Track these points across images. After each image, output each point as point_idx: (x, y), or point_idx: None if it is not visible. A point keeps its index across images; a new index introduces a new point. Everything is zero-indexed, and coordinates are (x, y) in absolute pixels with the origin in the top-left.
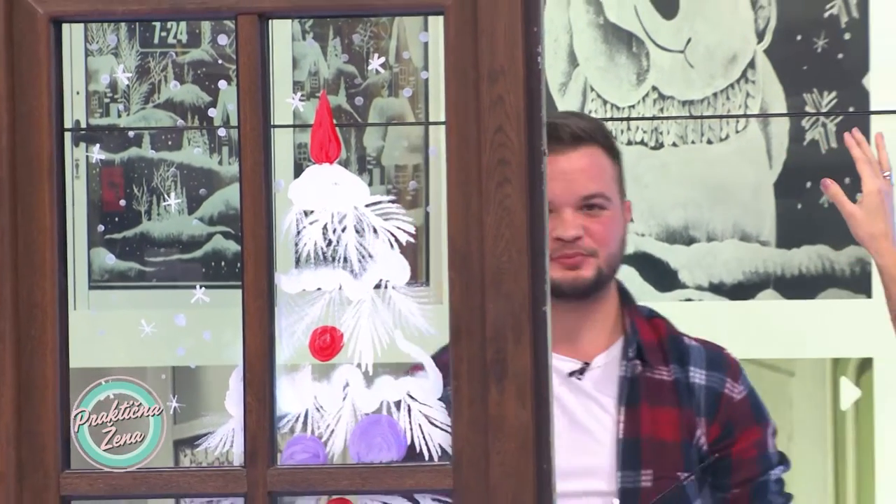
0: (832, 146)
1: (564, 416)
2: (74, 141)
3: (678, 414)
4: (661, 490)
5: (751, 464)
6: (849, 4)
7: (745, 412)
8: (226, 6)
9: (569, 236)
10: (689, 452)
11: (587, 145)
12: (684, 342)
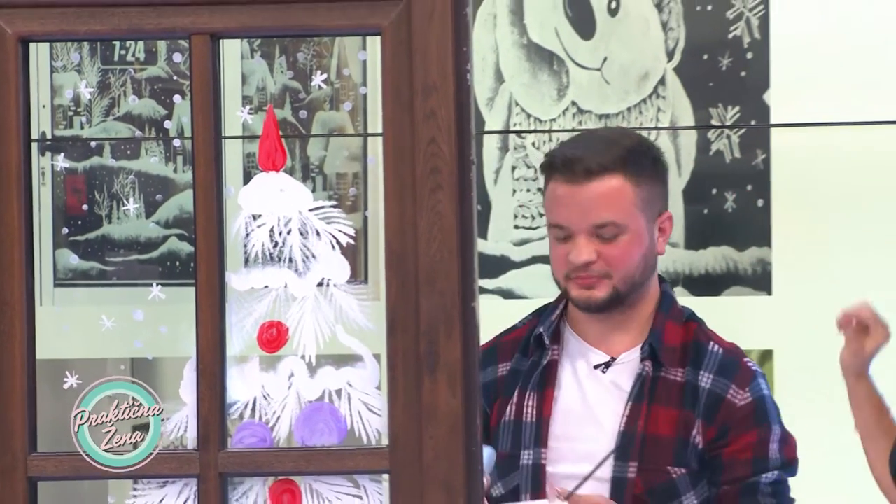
0: (735, 156)
1: (584, 406)
2: (41, 151)
3: (678, 414)
4: (647, 482)
5: (744, 465)
6: (751, 26)
7: (746, 417)
8: (180, 27)
9: (580, 262)
10: (684, 450)
11: (603, 176)
12: (706, 347)
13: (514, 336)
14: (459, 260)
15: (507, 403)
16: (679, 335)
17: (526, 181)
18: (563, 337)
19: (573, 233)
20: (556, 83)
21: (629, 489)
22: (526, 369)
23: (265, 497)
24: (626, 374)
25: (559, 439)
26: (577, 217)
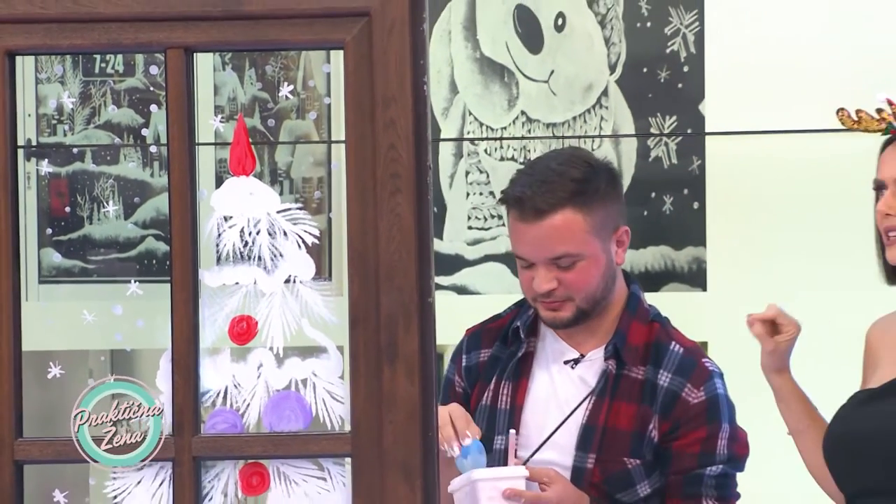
0: (673, 162)
1: (555, 398)
2: (26, 157)
3: (637, 409)
4: (604, 471)
5: (691, 458)
6: (687, 42)
7: (699, 415)
8: (156, 41)
9: (542, 291)
10: (640, 443)
11: (555, 213)
12: (667, 347)
13: (498, 324)
14: (417, 258)
15: (486, 389)
16: (643, 335)
17: (479, 185)
18: (540, 332)
19: (533, 263)
20: (506, 94)
21: (587, 477)
22: (504, 358)
23: (236, 479)
24: (593, 370)
25: (529, 427)
26: (534, 251)
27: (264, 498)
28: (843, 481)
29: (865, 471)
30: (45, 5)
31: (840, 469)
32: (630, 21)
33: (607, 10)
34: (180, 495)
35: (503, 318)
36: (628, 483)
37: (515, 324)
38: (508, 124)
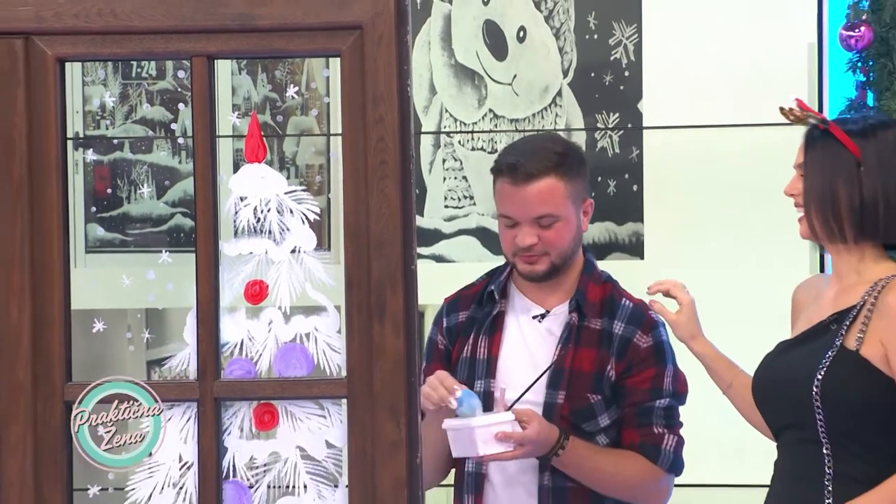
0: (616, 152)
1: (525, 347)
2: (74, 147)
3: (596, 353)
4: (571, 405)
5: (643, 392)
6: (628, 51)
7: (647, 357)
8: (183, 50)
9: (525, 245)
10: (601, 381)
11: (540, 178)
12: (619, 302)
13: (472, 291)
14: (402, 232)
15: (465, 343)
16: (598, 293)
17: (453, 171)
18: (510, 293)
19: (519, 222)
20: (476, 95)
21: (557, 411)
22: (480, 317)
23: (250, 417)
24: (557, 323)
25: (504, 372)
26: (522, 210)
27: (274, 432)
28: (768, 418)
29: (781, 409)
30: (89, 20)
31: (764, 408)
32: (580, 34)
33: (561, 24)
34: (204, 430)
35: (476, 286)
36: (591, 415)
37: (490, 288)
38: (478, 120)
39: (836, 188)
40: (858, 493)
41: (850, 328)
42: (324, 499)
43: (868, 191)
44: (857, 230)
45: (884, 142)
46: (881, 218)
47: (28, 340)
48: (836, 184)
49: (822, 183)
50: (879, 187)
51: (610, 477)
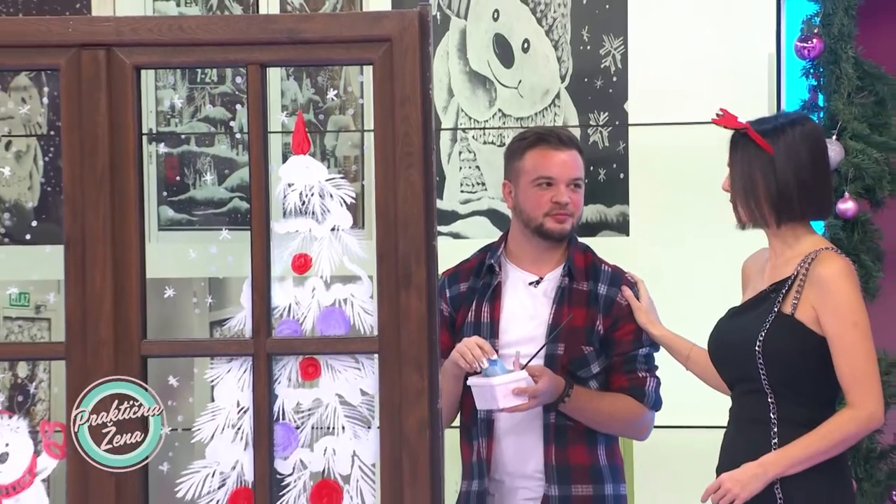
0: (605, 145)
1: (523, 310)
2: (149, 141)
3: (586, 311)
4: (569, 356)
5: (627, 343)
6: (616, 60)
7: (628, 313)
8: (240, 59)
9: (564, 201)
10: (592, 335)
11: (573, 147)
12: (600, 267)
13: (469, 265)
14: (424, 213)
15: (468, 310)
16: (582, 260)
17: (468, 162)
18: (504, 266)
19: (556, 182)
20: (487, 97)
21: (558, 362)
22: (480, 287)
23: (297, 369)
24: (550, 287)
25: (506, 332)
26: (562, 171)
27: (317, 382)
28: (722, 373)
29: (732, 365)
30: (161, 34)
31: (718, 365)
32: (575, 45)
33: (559, 37)
34: (258, 380)
35: (472, 261)
36: (585, 364)
37: (489, 261)
38: (489, 118)
39: (755, 180)
40: (799, 434)
41: (785, 296)
42: (359, 438)
43: (781, 180)
44: (777, 214)
45: (792, 137)
46: (795, 201)
47: (110, 304)
48: (754, 176)
49: (743, 177)
50: (791, 176)
51: (606, 416)
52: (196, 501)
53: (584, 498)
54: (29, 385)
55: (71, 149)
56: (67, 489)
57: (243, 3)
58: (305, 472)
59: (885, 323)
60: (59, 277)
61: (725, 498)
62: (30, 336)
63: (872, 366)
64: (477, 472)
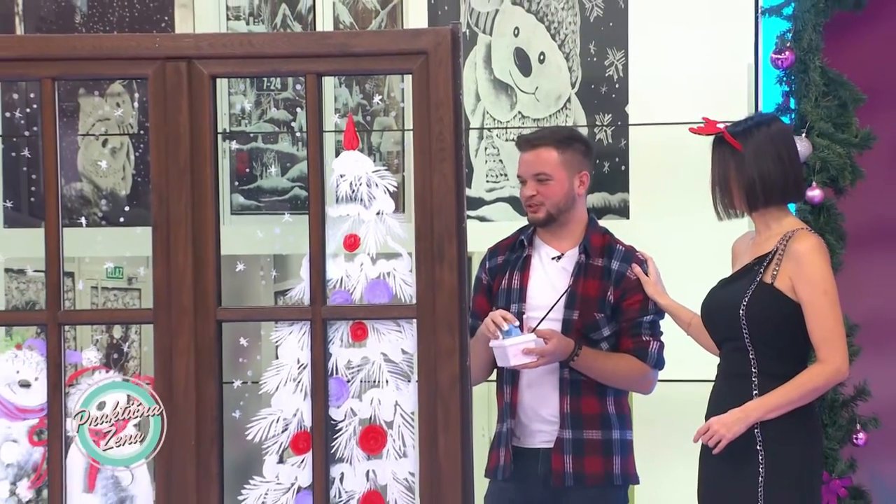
0: (610, 142)
1: (546, 279)
2: (223, 139)
3: (599, 283)
4: (583, 321)
5: (634, 311)
6: (618, 69)
7: (636, 286)
8: (300, 70)
9: (528, 194)
10: (603, 303)
11: (538, 147)
12: (614, 246)
13: (506, 242)
14: (455, 199)
15: (502, 278)
16: (599, 240)
17: (492, 156)
18: (534, 242)
19: (525, 178)
20: (509, 101)
21: (573, 326)
22: (512, 260)
23: (347, 332)
24: (569, 262)
25: (532, 298)
26: (525, 169)
27: (364, 343)
28: (712, 334)
29: (720, 327)
30: (233, 48)
31: (709, 326)
32: (584, 57)
33: (570, 50)
34: (315, 341)
35: (509, 239)
36: (596, 328)
37: (521, 238)
38: (510, 119)
39: (728, 175)
40: (776, 386)
41: (766, 268)
42: (400, 390)
43: (750, 174)
44: (748, 204)
45: (759, 137)
46: (760, 193)
47: (191, 277)
48: (728, 172)
49: (719, 174)
50: (756, 171)
51: (612, 373)
52: (263, 443)
53: (594, 441)
54: (122, 344)
55: (157, 146)
56: None
57: (302, 22)
58: (355, 418)
59: (847, 292)
60: (148, 254)
61: (713, 438)
62: (123, 303)
63: (840, 328)
64: (506, 415)
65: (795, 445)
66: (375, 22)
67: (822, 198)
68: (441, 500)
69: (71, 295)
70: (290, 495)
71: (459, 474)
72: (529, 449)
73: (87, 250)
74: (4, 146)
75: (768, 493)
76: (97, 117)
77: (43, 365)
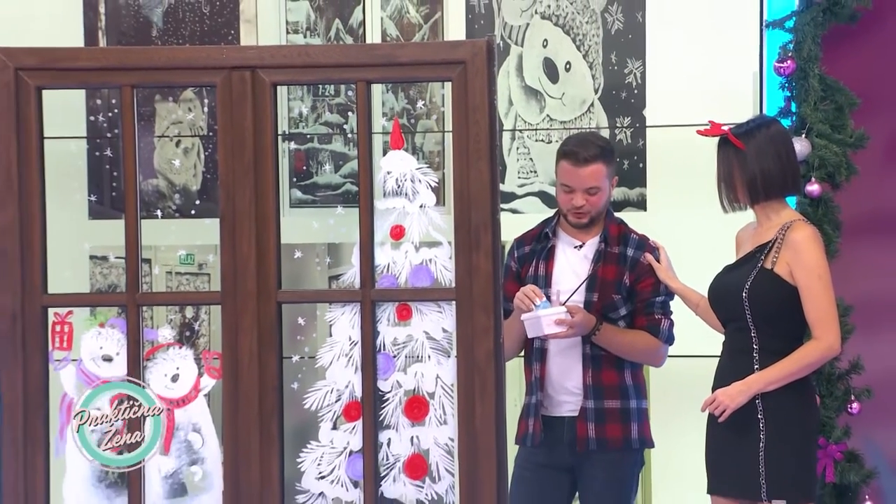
0: (629, 142)
1: (569, 266)
2: (282, 140)
3: (616, 268)
4: (603, 302)
5: (647, 293)
6: (636, 77)
7: (649, 270)
8: (351, 78)
9: (579, 205)
10: (620, 286)
11: (591, 163)
12: (629, 236)
13: (533, 233)
14: (490, 194)
15: (530, 266)
16: (616, 230)
17: (523, 155)
18: (557, 233)
19: (573, 189)
20: (538, 105)
21: (594, 306)
22: (538, 249)
23: (394, 312)
24: (590, 251)
25: (556, 283)
26: (578, 183)
27: (409, 322)
28: (718, 314)
29: (725, 308)
30: (292, 59)
31: (715, 308)
32: (606, 66)
33: (593, 60)
34: (364, 320)
35: (534, 230)
36: (614, 308)
37: (545, 230)
38: (539, 122)
39: (732, 173)
40: (775, 361)
41: (767, 255)
42: (440, 364)
43: (752, 171)
44: (750, 198)
45: (760, 138)
46: (761, 187)
47: (254, 263)
48: (732, 170)
49: (724, 171)
50: (757, 168)
51: (629, 347)
52: (318, 412)
53: (613, 410)
54: (194, 323)
55: (224, 146)
56: (223, 401)
57: (353, 35)
58: (401, 389)
59: (843, 277)
60: (216, 243)
61: (719, 408)
62: (194, 287)
63: (833, 309)
64: (535, 389)
65: (793, 414)
66: (419, 34)
67: (820, 192)
68: (477, 463)
69: (148, 279)
70: (342, 458)
71: (494, 440)
72: (556, 418)
73: (163, 239)
74: (89, 147)
75: (768, 457)
76: (171, 121)
77: (123, 341)
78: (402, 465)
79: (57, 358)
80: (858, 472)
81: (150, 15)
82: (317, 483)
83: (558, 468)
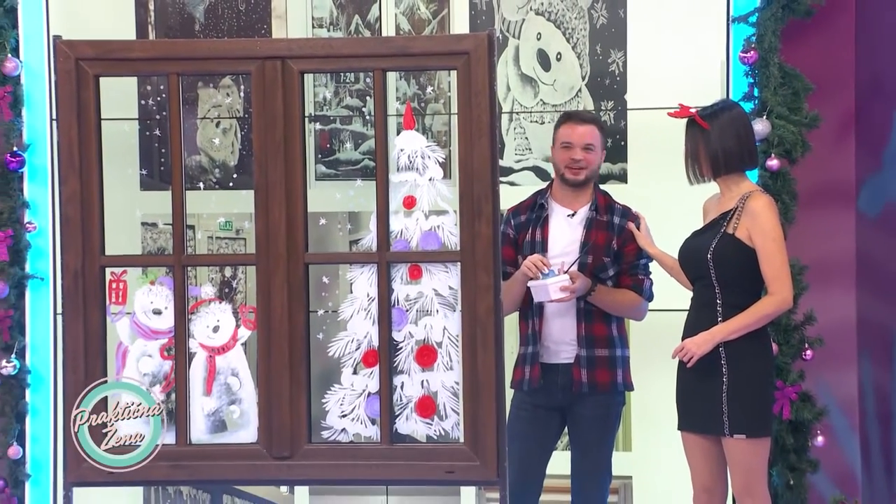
0: (612, 123)
1: (562, 233)
2: (309, 121)
3: (605, 234)
4: (595, 264)
5: (631, 256)
6: (619, 65)
7: (632, 236)
8: (368, 66)
9: (577, 158)
10: (609, 249)
11: (590, 123)
12: (614, 205)
13: (527, 203)
14: (490, 168)
15: (526, 234)
16: (603, 200)
17: (520, 134)
18: (550, 203)
19: (573, 145)
20: (533, 91)
21: (588, 267)
22: (533, 218)
23: (406, 272)
24: (582, 218)
25: (552, 248)
26: (578, 138)
27: (419, 281)
28: (687, 274)
29: (693, 268)
30: (317, 50)
31: (685, 267)
32: (591, 56)
33: (581, 51)
34: (381, 279)
35: (528, 201)
36: (604, 269)
37: (539, 201)
38: (534, 105)
39: (698, 149)
40: (736, 314)
41: (729, 221)
42: (447, 318)
43: (714, 148)
44: (713, 171)
45: (722, 119)
46: (723, 162)
47: (284, 229)
48: (697, 147)
49: (690, 148)
50: (719, 145)
51: (618, 304)
52: (340, 359)
53: (603, 357)
54: (232, 281)
55: (258, 126)
56: (258, 349)
57: (371, 29)
58: (412, 339)
59: (798, 240)
60: (251, 211)
61: (687, 355)
62: (232, 250)
63: (786, 267)
64: (531, 340)
65: (751, 360)
66: (428, 28)
67: (779, 166)
68: (479, 403)
69: (192, 243)
70: (362, 399)
71: (494, 384)
72: (552, 365)
73: (204, 208)
74: (140, 127)
75: (730, 397)
76: (212, 104)
77: (171, 297)
78: (413, 405)
79: (113, 311)
80: (811, 410)
81: (193, 12)
82: (339, 420)
83: (551, 408)
